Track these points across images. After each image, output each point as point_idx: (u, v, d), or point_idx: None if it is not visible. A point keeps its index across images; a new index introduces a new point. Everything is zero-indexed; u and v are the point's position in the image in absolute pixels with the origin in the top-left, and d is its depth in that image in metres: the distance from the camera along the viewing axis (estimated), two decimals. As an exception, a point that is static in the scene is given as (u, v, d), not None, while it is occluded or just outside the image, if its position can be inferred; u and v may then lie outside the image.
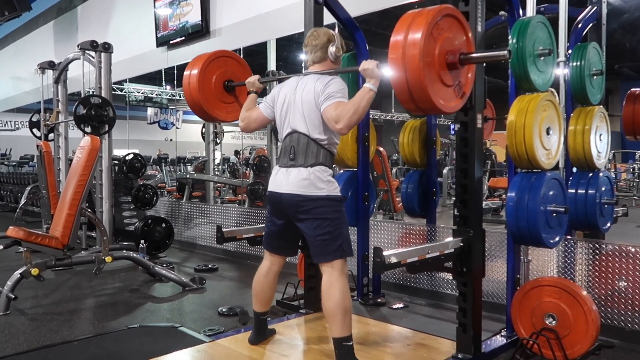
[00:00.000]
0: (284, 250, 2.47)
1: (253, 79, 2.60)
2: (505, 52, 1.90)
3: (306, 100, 2.23)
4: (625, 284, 2.74)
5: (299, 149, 2.23)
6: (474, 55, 1.98)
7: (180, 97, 15.54)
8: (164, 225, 5.38)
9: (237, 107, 2.80)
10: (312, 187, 2.18)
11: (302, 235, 2.32)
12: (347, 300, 2.16)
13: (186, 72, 2.77)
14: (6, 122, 17.36)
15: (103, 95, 4.90)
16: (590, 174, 2.94)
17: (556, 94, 2.88)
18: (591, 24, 3.19)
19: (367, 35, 3.36)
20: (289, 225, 2.32)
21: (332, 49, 2.32)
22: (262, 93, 2.71)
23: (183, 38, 6.42)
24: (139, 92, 14.31)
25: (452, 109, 2.02)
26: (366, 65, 2.11)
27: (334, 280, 2.17)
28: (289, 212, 2.27)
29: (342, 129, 2.10)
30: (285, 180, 2.23)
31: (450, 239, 2.32)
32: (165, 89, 15.10)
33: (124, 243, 5.28)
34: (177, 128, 15.99)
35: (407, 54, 1.78)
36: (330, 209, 2.19)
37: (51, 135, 6.04)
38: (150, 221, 5.28)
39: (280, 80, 2.45)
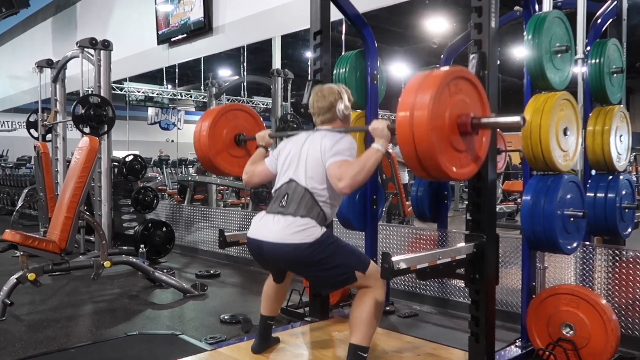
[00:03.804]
0: (285, 276, 2.48)
1: (263, 133, 2.66)
2: (519, 118, 1.90)
3: (312, 155, 2.20)
4: (647, 292, 2.72)
5: (293, 197, 2.17)
6: (486, 120, 1.96)
7: (182, 96, 15.66)
8: (164, 229, 5.40)
9: None
10: (300, 234, 2.09)
11: None
12: (377, 312, 2.17)
13: (197, 126, 2.83)
14: (3, 122, 17.53)
15: (102, 94, 4.93)
16: (610, 177, 2.91)
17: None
18: (611, 20, 3.17)
19: (375, 32, 3.37)
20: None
21: (340, 107, 2.31)
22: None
23: (185, 35, 6.47)
24: (139, 92, 14.41)
25: (466, 175, 2.00)
26: (376, 124, 2.11)
27: (369, 291, 2.18)
28: (273, 262, 2.25)
29: (345, 188, 2.05)
30: (269, 228, 2.16)
31: (463, 244, 2.31)
32: (167, 88, 15.20)
33: (123, 247, 5.31)
34: (178, 129, 16.09)
35: (415, 116, 1.77)
36: (322, 249, 2.11)
37: (49, 136, 6.08)
38: (150, 225, 5.30)
39: (290, 136, 2.46)
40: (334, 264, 2.14)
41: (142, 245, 4.92)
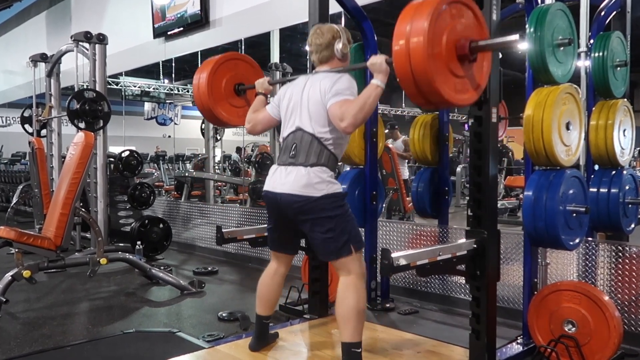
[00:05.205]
0: (288, 247, 2.48)
1: (262, 81, 2.66)
2: (517, 35, 1.88)
3: (313, 99, 2.24)
4: (650, 288, 2.72)
5: (301, 147, 2.23)
6: (483, 42, 1.95)
7: (179, 91, 15.62)
8: (161, 225, 5.40)
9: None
10: (310, 188, 2.16)
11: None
12: (361, 305, 2.18)
13: (195, 76, 2.84)
14: (-3, 117, 17.49)
15: (97, 89, 4.93)
16: (613, 172, 2.92)
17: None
18: (615, 12, 3.17)
19: (375, 25, 3.36)
20: (288, 222, 2.33)
21: (338, 46, 2.31)
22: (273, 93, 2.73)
23: (181, 29, 6.45)
24: (135, 86, 14.36)
25: (466, 102, 1.99)
26: (374, 59, 2.11)
27: (349, 282, 2.19)
28: (287, 213, 2.27)
29: (347, 127, 2.09)
30: (283, 179, 2.22)
31: (464, 240, 2.32)
32: (163, 82, 15.14)
33: (120, 244, 5.31)
34: (175, 124, 16.03)
35: (411, 43, 1.77)
36: (330, 205, 2.17)
37: (44, 132, 6.08)
38: (147, 221, 5.30)
39: (290, 81, 2.47)
40: (335, 225, 2.17)
41: (138, 242, 4.93)
